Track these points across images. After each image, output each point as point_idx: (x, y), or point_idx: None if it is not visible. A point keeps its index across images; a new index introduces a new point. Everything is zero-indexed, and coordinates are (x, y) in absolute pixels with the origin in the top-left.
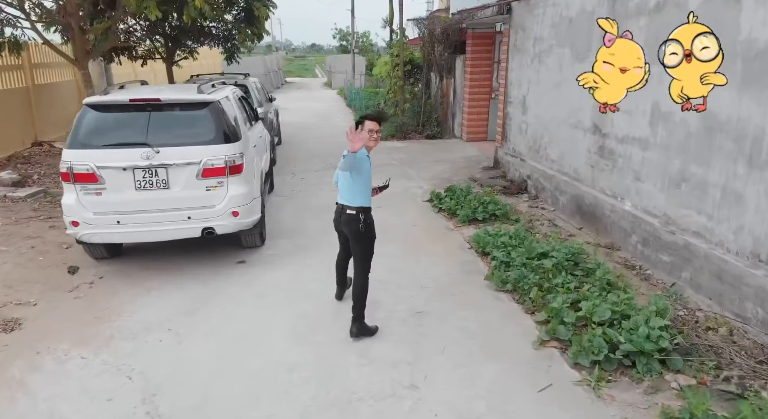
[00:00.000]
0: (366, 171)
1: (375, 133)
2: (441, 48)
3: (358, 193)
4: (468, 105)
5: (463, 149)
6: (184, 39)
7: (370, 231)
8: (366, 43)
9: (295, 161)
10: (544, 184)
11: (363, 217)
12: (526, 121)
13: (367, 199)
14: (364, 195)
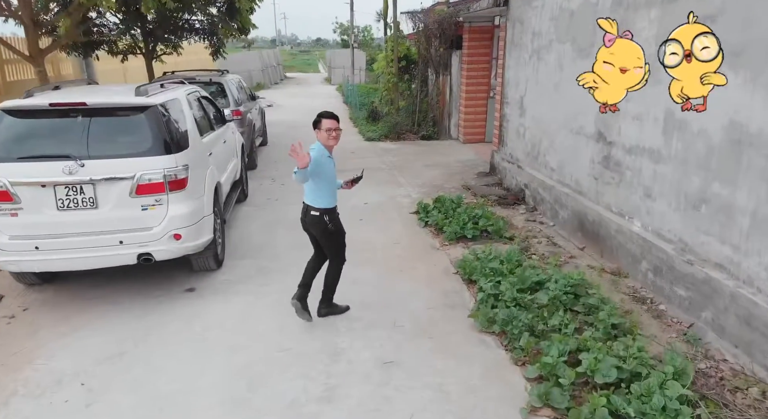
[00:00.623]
0: (327, 173)
1: (334, 131)
2: (437, 43)
3: (320, 195)
4: (464, 104)
5: (458, 152)
6: (162, 33)
7: (337, 229)
8: (367, 37)
9: (278, 164)
10: (543, 194)
11: (327, 218)
12: (523, 123)
13: (330, 200)
14: (327, 196)
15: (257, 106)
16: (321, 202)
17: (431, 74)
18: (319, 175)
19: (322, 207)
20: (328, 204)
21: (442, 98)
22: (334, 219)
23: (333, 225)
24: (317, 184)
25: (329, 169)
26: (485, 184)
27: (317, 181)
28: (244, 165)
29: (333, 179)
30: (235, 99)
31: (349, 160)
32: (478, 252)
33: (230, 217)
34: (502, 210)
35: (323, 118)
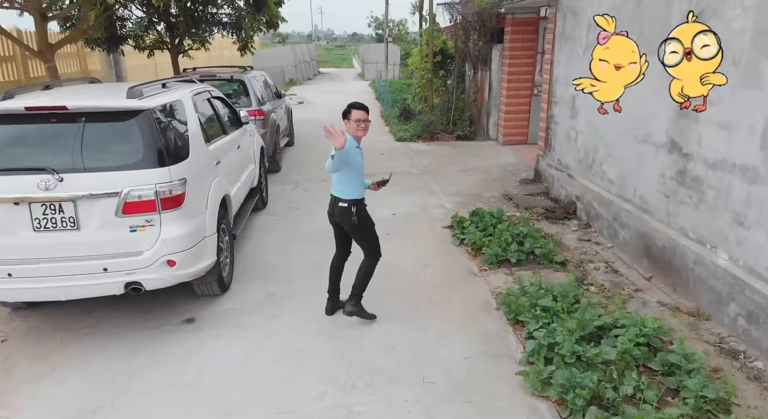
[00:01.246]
0: (356, 163)
1: (363, 123)
2: (476, 36)
3: (349, 186)
4: (505, 103)
5: (498, 155)
6: (183, 27)
7: (366, 221)
8: (402, 31)
9: (303, 167)
10: (598, 210)
11: (355, 210)
12: (575, 127)
13: (358, 191)
14: (356, 187)
15: (283, 104)
16: (349, 192)
17: (468, 70)
18: (348, 165)
19: (350, 198)
20: (357, 195)
21: (481, 96)
22: (362, 211)
23: (359, 217)
24: (345, 175)
25: (357, 159)
26: (529, 193)
27: (346, 171)
28: (264, 170)
29: (361, 170)
30: (258, 98)
31: (378, 163)
32: (525, 282)
33: (245, 228)
34: (549, 226)
35: (353, 108)
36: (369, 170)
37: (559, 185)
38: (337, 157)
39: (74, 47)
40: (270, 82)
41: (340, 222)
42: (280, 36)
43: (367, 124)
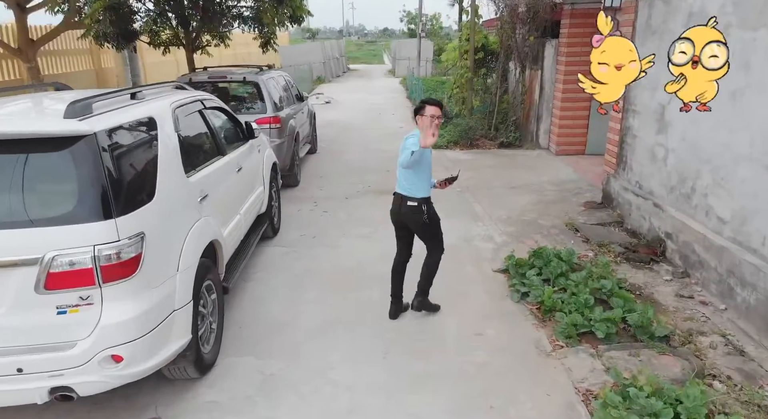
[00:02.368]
0: (427, 161)
1: (437, 119)
2: (525, 30)
3: (418, 184)
4: (560, 107)
5: (551, 167)
6: (203, 22)
7: (434, 219)
8: (436, 25)
9: (325, 180)
10: (702, 256)
11: (426, 208)
12: (664, 143)
13: (427, 190)
14: (425, 186)
15: (305, 108)
16: (418, 191)
17: (514, 68)
18: (420, 162)
19: (420, 197)
20: (426, 193)
21: (529, 97)
22: (431, 210)
23: (429, 215)
24: (415, 172)
25: (428, 156)
26: (599, 222)
27: (416, 169)
28: (277, 190)
29: (430, 167)
30: (275, 102)
31: None
32: (623, 374)
33: (247, 265)
34: (633, 273)
35: (427, 104)
36: (395, 181)
37: (639, 215)
38: (417, 154)
39: (85, 43)
40: (291, 83)
41: (407, 221)
42: (310, 31)
43: (440, 121)
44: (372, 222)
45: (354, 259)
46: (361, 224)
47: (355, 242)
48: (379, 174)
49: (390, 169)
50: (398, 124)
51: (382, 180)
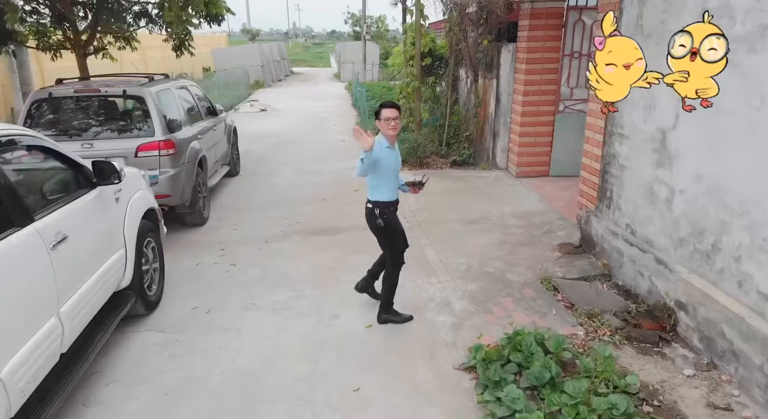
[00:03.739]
0: (387, 165)
1: (392, 121)
2: (476, 33)
3: (377, 187)
4: (520, 122)
5: (512, 193)
6: (95, 20)
7: (390, 226)
8: (382, 28)
9: (242, 215)
10: (738, 346)
11: (379, 212)
12: (669, 181)
13: (387, 194)
14: (385, 189)
15: (220, 124)
16: (376, 194)
17: (466, 76)
18: (377, 166)
19: (375, 199)
20: (383, 197)
21: (483, 110)
22: (386, 215)
23: (384, 221)
24: (376, 176)
25: (388, 160)
26: (582, 275)
27: (376, 173)
28: (158, 246)
29: (392, 172)
30: (167, 121)
31: (343, 204)
32: None
33: (88, 375)
34: (639, 361)
35: (383, 107)
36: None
37: (635, 269)
38: (367, 160)
39: None
40: (200, 96)
41: (368, 224)
42: (250, 33)
43: (397, 123)
44: (295, 280)
45: (258, 354)
46: (279, 285)
47: (265, 319)
48: (313, 204)
49: (326, 198)
50: (340, 137)
51: (315, 213)
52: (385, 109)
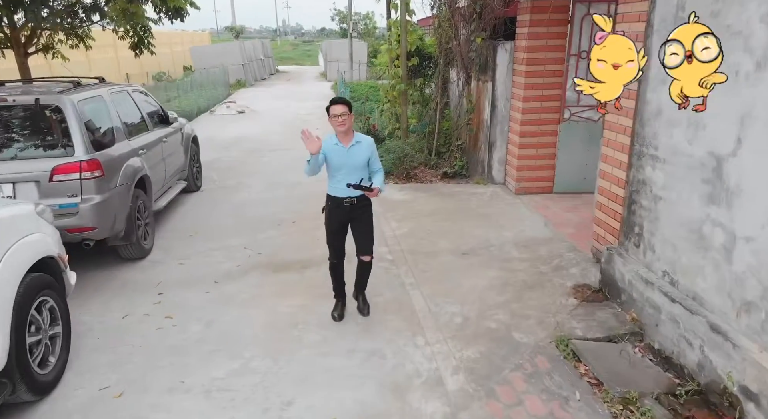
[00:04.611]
0: (333, 160)
1: (339, 117)
2: (469, 30)
3: (329, 180)
4: (520, 131)
5: (513, 214)
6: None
7: (327, 222)
8: (370, 25)
9: (194, 244)
10: None
11: (324, 204)
12: (730, 226)
13: (331, 187)
14: (330, 183)
15: (175, 135)
16: (328, 187)
17: (457, 77)
18: (328, 161)
19: (327, 192)
20: (329, 190)
21: (477, 116)
22: (327, 208)
23: (324, 212)
24: (328, 171)
25: (335, 156)
26: (606, 335)
27: (328, 169)
28: (62, 308)
29: (339, 168)
30: (92, 136)
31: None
32: None
33: None
34: None
35: (332, 104)
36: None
37: (677, 333)
38: (312, 162)
39: None
40: (148, 101)
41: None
42: (234, 30)
43: (345, 118)
44: (243, 343)
45: None
46: (222, 350)
47: (193, 409)
48: (281, 228)
49: (297, 219)
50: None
51: (282, 240)
52: (333, 106)
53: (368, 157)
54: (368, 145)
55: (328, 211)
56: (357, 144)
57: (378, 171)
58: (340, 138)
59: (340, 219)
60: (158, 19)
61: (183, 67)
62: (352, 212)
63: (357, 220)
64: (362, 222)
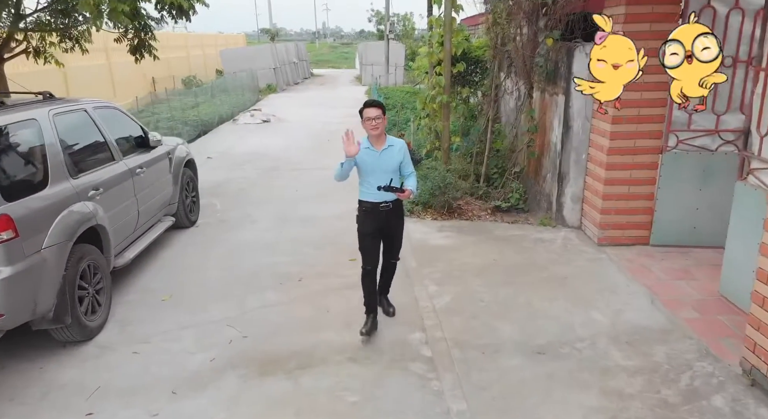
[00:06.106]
0: (362, 163)
1: (373, 121)
2: (534, 29)
3: (361, 186)
4: (607, 161)
5: (600, 280)
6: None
7: (360, 228)
8: (408, 26)
9: (163, 311)
10: None
11: (357, 209)
12: None
13: (363, 192)
14: (362, 188)
15: (158, 164)
16: (360, 192)
17: (514, 87)
18: (358, 166)
19: (359, 198)
20: (361, 195)
21: (541, 137)
22: (359, 214)
23: (357, 219)
24: (360, 176)
25: (367, 160)
26: None
27: (361, 173)
28: None
29: (371, 172)
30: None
31: (328, 304)
32: None
33: None
34: None
35: (365, 106)
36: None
37: None
38: (347, 165)
39: None
40: (115, 121)
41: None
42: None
43: (379, 122)
44: None
45: None
46: None
47: None
48: (281, 290)
49: (304, 277)
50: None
51: (280, 310)
52: (367, 109)
53: (400, 161)
54: (401, 149)
55: (361, 216)
56: (389, 148)
57: (410, 175)
58: (373, 142)
59: (376, 224)
60: (160, 19)
61: (216, 71)
62: (389, 218)
63: (392, 229)
64: (396, 233)
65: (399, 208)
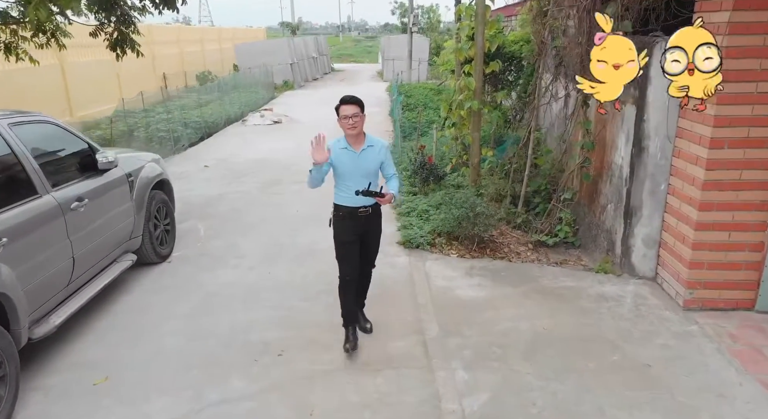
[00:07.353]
0: (341, 166)
1: (350, 119)
2: (590, 20)
3: (336, 188)
4: (700, 198)
5: (698, 370)
6: None
7: (336, 234)
8: (433, 19)
9: (94, 402)
10: None
11: (332, 214)
12: None
13: (339, 196)
14: (337, 190)
15: (115, 190)
16: (335, 195)
17: (564, 93)
18: (335, 168)
19: (335, 202)
20: (337, 199)
21: (599, 157)
22: (336, 219)
23: (331, 224)
24: (335, 176)
25: (345, 162)
26: None
27: (335, 172)
28: None
29: (349, 175)
30: None
31: (312, 400)
32: None
33: None
34: None
35: (342, 104)
36: None
37: None
38: (314, 172)
39: None
40: (44, 140)
41: None
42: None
43: (356, 120)
44: None
45: None
46: None
47: None
48: (256, 370)
49: (287, 348)
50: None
51: (245, 404)
52: (343, 106)
53: (381, 162)
54: (381, 149)
55: (338, 222)
56: (369, 148)
57: (392, 177)
58: (351, 142)
59: (354, 230)
60: (142, 9)
61: (233, 66)
62: (368, 223)
63: (369, 234)
64: (374, 238)
65: (378, 211)
